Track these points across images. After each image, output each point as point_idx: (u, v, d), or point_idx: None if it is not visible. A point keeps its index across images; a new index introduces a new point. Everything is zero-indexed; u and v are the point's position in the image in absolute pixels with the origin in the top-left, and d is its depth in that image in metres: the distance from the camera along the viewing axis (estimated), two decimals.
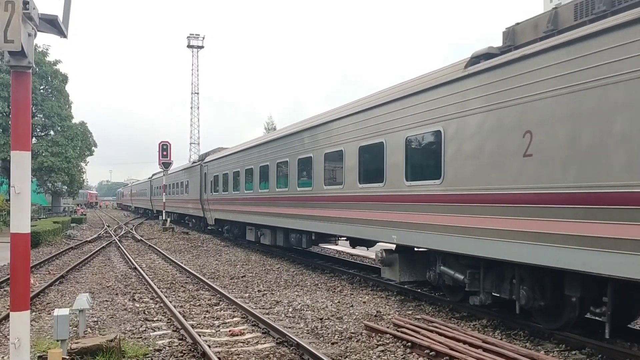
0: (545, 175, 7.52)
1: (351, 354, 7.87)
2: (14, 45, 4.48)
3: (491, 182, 8.57)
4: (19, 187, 4.91)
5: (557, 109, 7.38)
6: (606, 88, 6.71)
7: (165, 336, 9.05)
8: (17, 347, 4.88)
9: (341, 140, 13.69)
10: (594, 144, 6.84)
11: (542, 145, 7.58)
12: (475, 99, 8.91)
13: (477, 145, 8.87)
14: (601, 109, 6.76)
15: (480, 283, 9.45)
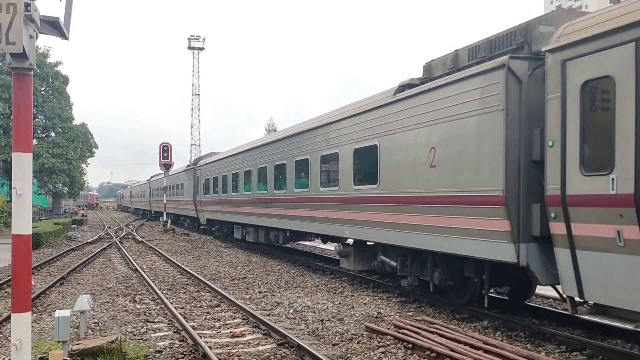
0: (444, 181, 9.84)
1: (352, 356, 7.87)
2: (15, 47, 4.49)
3: (411, 186, 10.88)
4: (20, 189, 4.92)
5: (449, 132, 9.71)
6: (460, 122, 9.37)
7: (166, 337, 9.06)
8: (18, 348, 4.89)
9: (308, 150, 16.13)
10: (470, 159, 9.16)
11: (442, 159, 9.89)
12: (400, 120, 11.23)
13: (402, 157, 11.17)
14: (475, 134, 9.07)
15: (408, 268, 11.64)
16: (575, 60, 7.41)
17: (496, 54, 9.30)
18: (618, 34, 6.85)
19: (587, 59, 7.27)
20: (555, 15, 9.14)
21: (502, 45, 9.36)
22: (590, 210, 7.22)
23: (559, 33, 7.96)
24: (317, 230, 16.10)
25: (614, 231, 6.84)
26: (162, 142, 39.17)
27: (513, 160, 8.44)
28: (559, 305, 11.38)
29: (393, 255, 12.24)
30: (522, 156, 8.39)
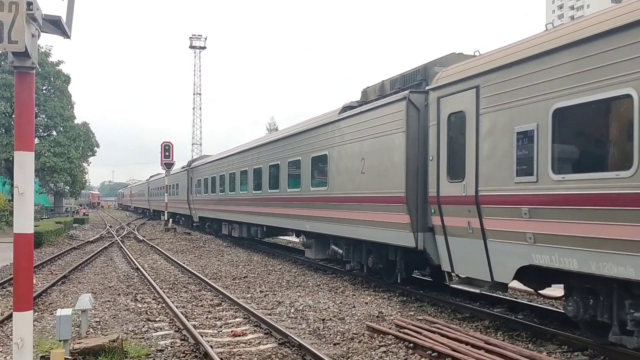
0: (370, 184, 12.54)
1: (353, 355, 7.87)
2: (17, 46, 4.49)
3: (350, 188, 13.51)
4: (22, 188, 4.92)
5: (372, 146, 12.48)
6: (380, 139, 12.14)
7: (167, 336, 9.06)
8: (19, 347, 4.89)
9: (279, 157, 18.88)
10: (386, 167, 11.85)
11: (368, 167, 12.61)
12: (343, 135, 14.02)
13: (344, 165, 13.90)
14: (388, 149, 11.76)
15: (351, 255, 14.26)
16: (445, 98, 9.98)
17: (405, 87, 11.83)
18: (466, 81, 9.41)
19: (451, 97, 9.81)
20: (447, 58, 11.20)
21: (411, 80, 11.88)
22: (453, 207, 9.77)
23: (437, 77, 10.52)
24: (286, 225, 18.78)
25: (466, 222, 9.39)
26: (164, 141, 39.21)
27: (412, 170, 11.05)
28: (560, 305, 11.37)
29: (341, 244, 14.95)
30: (419, 166, 10.97)
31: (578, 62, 7.31)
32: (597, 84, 7.02)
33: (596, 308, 7.53)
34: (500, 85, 8.72)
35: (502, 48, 9.18)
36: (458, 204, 9.58)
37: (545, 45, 7.87)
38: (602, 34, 6.96)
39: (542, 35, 8.28)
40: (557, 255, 7.59)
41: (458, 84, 9.64)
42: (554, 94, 7.60)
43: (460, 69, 9.84)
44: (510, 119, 8.47)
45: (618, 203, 6.65)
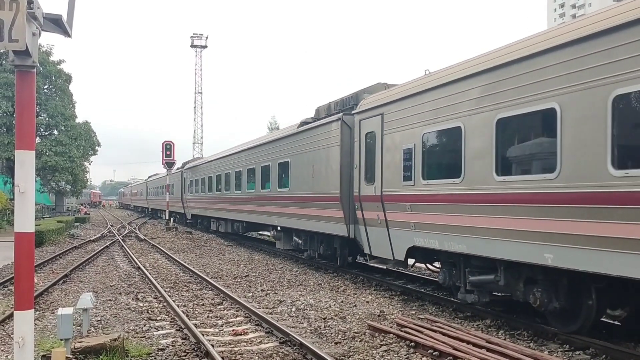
0: (318, 186, 15.58)
1: (354, 354, 7.86)
2: (18, 45, 4.48)
3: (305, 189, 16.56)
4: (23, 187, 4.91)
5: (319, 156, 15.46)
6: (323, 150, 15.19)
7: (168, 335, 9.06)
8: (21, 346, 4.89)
9: (255, 162, 21.94)
10: (327, 173, 14.91)
11: (317, 172, 15.63)
12: (300, 145, 17.12)
13: (300, 170, 16.92)
14: (329, 158, 14.81)
15: (308, 244, 17.52)
16: (363, 120, 13.08)
17: (343, 109, 14.75)
18: (375, 109, 12.51)
19: (367, 120, 12.86)
20: (374, 87, 13.93)
21: (347, 104, 14.82)
22: (369, 203, 12.77)
23: (360, 104, 13.47)
24: (261, 221, 21.71)
25: (376, 215, 12.43)
26: (165, 140, 39.21)
27: (345, 175, 14.05)
28: None
29: (301, 236, 17.96)
30: (350, 172, 13.83)
31: (437, 102, 10.32)
32: (444, 119, 10.12)
33: (454, 276, 10.37)
34: (394, 114, 11.76)
35: (399, 85, 12.41)
36: (371, 201, 12.70)
37: (417, 87, 11.04)
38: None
39: (422, 78, 11.17)
40: (427, 238, 10.60)
41: (371, 110, 12.75)
42: (422, 124, 10.74)
43: (373, 99, 12.91)
44: (400, 140, 11.50)
45: (454, 200, 9.75)
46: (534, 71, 8.09)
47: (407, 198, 11.16)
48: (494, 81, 8.83)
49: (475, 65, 9.37)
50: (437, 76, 10.54)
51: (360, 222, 13.33)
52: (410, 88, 11.26)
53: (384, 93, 12.66)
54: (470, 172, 9.32)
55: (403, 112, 11.38)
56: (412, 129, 11.01)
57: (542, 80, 7.95)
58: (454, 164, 9.79)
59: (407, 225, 11.16)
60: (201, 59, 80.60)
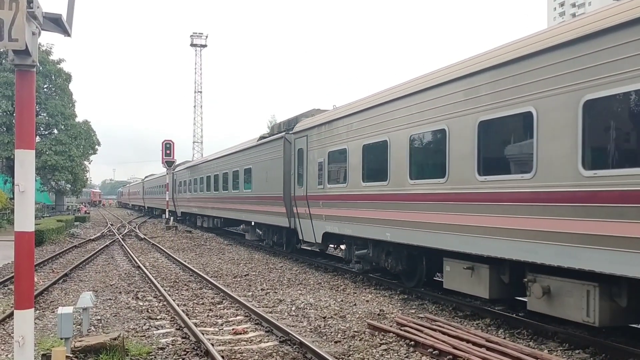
0: (270, 188, 19.61)
1: (354, 353, 7.87)
2: (18, 44, 4.49)
3: (262, 190, 20.75)
4: (23, 186, 4.92)
5: (271, 164, 19.57)
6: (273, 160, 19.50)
7: (168, 334, 9.06)
8: (21, 345, 4.90)
9: (228, 167, 26.69)
10: (275, 178, 19.00)
11: (270, 177, 19.67)
12: (259, 155, 21.27)
13: (260, 175, 21.14)
14: (275, 166, 19.10)
15: (266, 235, 22.17)
16: (296, 139, 17.27)
17: (288, 129, 18.73)
18: (303, 132, 16.73)
19: (299, 139, 17.02)
20: (310, 112, 18.16)
21: (289, 124, 18.90)
22: (300, 202, 16.74)
23: (296, 126, 17.64)
24: (233, 217, 25.85)
25: (305, 210, 16.45)
26: (165, 140, 39.21)
27: (286, 180, 18.14)
28: None
29: (262, 228, 22.64)
30: (291, 178, 17.82)
31: (336, 129, 14.71)
32: (338, 143, 14.55)
33: (349, 253, 14.78)
34: (314, 136, 16.11)
35: (320, 114, 16.66)
36: (301, 200, 16.83)
37: (325, 119, 15.56)
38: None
39: (330, 111, 16.01)
40: (332, 226, 14.83)
41: (301, 132, 17.14)
42: (327, 145, 15.15)
43: (302, 124, 17.23)
44: (317, 155, 15.82)
45: (342, 198, 14.09)
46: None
47: (320, 197, 15.57)
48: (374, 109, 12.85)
49: (357, 106, 13.64)
50: (331, 113, 15.62)
51: (296, 215, 17.48)
52: (322, 118, 15.81)
53: (309, 120, 17.04)
54: (351, 179, 13.70)
55: (318, 135, 15.83)
56: (323, 148, 15.44)
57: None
58: (344, 174, 14.14)
59: (321, 217, 15.54)
60: (201, 58, 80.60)
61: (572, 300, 7.70)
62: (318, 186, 15.56)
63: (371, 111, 12.63)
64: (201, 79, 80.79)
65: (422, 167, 11.02)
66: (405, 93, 11.20)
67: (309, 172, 16.28)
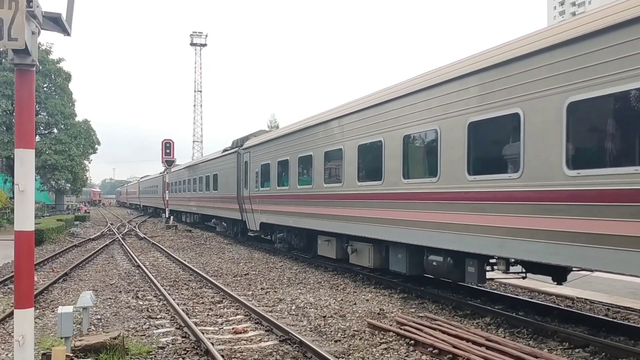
0: (229, 190, 25.86)
1: (354, 352, 7.87)
2: (17, 43, 4.48)
3: (225, 191, 26.74)
4: (22, 185, 4.92)
5: (229, 172, 25.93)
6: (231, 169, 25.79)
7: (168, 334, 9.07)
8: (21, 344, 4.90)
9: (203, 173, 32.64)
10: (232, 182, 25.32)
11: (230, 182, 25.52)
12: (222, 164, 27.47)
13: (223, 180, 27.32)
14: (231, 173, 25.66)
15: (229, 227, 28.81)
16: (244, 154, 23.18)
17: (241, 145, 23.83)
18: (248, 148, 22.79)
19: (245, 154, 23.01)
20: (258, 132, 23.98)
21: (244, 140, 23.81)
22: (247, 200, 22.59)
23: (244, 144, 23.45)
24: (207, 213, 32.47)
25: (249, 206, 22.37)
26: (165, 139, 39.17)
27: (239, 184, 23.57)
28: (562, 302, 11.38)
29: (225, 222, 29.39)
30: (242, 182, 23.15)
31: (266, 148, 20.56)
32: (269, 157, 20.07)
33: (283, 238, 19.85)
34: (254, 153, 21.84)
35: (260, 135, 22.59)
36: (247, 199, 22.58)
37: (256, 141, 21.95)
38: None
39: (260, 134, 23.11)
40: (265, 218, 20.23)
41: (246, 149, 22.88)
42: (260, 159, 20.73)
43: (248, 143, 22.84)
44: (255, 166, 21.40)
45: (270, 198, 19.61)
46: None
47: (257, 197, 21.43)
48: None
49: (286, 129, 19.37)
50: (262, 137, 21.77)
51: (244, 211, 23.34)
52: (257, 140, 22.04)
53: (251, 140, 23.00)
54: (272, 184, 19.46)
55: (255, 152, 21.87)
56: (258, 162, 21.35)
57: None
58: (269, 180, 19.87)
59: (258, 211, 21.36)
60: (201, 57, 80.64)
61: (364, 254, 13.65)
62: (255, 189, 21.57)
63: (283, 139, 18.87)
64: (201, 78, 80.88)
65: (301, 175, 17.13)
66: (303, 126, 17.17)
67: (250, 179, 22.26)
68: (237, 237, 27.24)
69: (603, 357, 7.56)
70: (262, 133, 23.36)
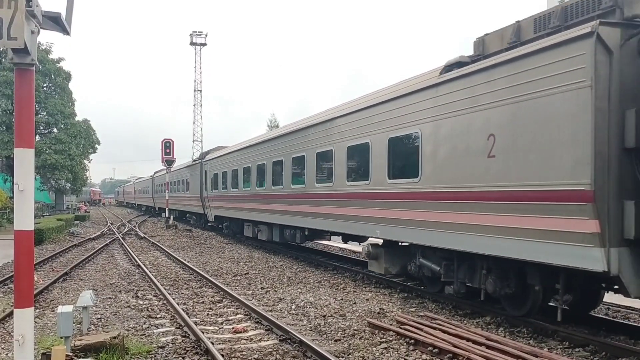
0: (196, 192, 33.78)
1: (354, 351, 7.87)
2: (17, 43, 4.48)
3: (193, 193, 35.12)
4: (22, 185, 4.91)
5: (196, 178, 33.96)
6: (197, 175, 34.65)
7: (168, 333, 9.06)
8: (21, 343, 4.90)
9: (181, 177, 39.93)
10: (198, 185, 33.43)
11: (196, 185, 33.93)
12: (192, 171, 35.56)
13: (193, 184, 34.96)
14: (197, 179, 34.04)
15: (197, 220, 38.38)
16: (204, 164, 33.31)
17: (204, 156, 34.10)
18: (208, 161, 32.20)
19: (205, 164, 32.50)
20: (217, 147, 33.17)
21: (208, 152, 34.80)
22: (206, 198, 31.04)
23: (206, 156, 33.37)
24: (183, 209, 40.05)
25: (208, 204, 31.15)
26: (165, 138, 39.12)
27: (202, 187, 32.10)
28: None
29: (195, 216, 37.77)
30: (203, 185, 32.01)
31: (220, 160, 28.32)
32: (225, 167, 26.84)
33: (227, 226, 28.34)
34: (211, 163, 29.92)
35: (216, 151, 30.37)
36: (206, 198, 30.64)
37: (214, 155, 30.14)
38: None
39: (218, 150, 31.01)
40: (219, 212, 28.45)
41: (207, 161, 30.77)
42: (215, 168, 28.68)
43: (209, 156, 31.00)
44: (210, 174, 29.63)
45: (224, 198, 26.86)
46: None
47: (212, 197, 28.89)
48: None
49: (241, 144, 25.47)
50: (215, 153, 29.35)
51: (205, 207, 30.80)
52: (211, 155, 29.76)
53: (209, 154, 30.93)
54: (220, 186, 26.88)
55: (211, 164, 29.38)
56: (214, 170, 28.34)
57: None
58: (218, 184, 27.58)
59: (213, 207, 28.91)
60: (200, 56, 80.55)
61: (265, 232, 21.01)
62: (211, 191, 29.39)
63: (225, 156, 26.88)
64: (201, 77, 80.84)
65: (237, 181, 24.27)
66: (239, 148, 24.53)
67: (208, 183, 30.27)
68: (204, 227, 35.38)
69: (603, 357, 7.56)
70: (220, 149, 30.57)
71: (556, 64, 7.51)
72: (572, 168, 7.24)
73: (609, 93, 7.01)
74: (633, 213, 6.87)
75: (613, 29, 7.12)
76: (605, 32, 7.01)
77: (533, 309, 9.02)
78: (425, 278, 11.55)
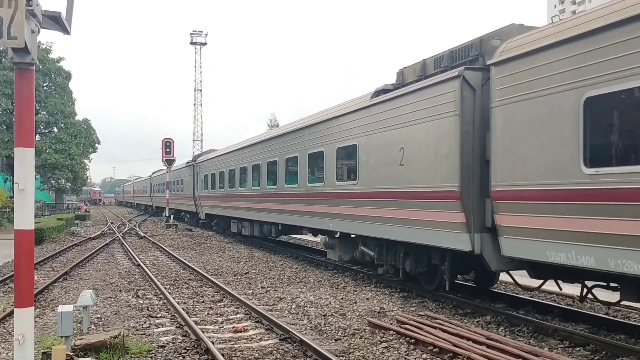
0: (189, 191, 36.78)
1: (354, 351, 7.87)
2: (17, 42, 4.47)
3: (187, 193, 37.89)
4: (22, 184, 4.91)
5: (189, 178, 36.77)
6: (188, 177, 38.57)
7: (168, 332, 9.07)
8: (21, 343, 4.90)
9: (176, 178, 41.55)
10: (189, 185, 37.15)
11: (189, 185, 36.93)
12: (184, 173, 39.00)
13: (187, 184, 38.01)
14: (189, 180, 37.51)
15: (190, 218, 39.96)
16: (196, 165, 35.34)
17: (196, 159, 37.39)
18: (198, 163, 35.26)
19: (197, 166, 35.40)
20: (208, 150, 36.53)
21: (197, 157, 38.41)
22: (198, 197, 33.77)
23: (197, 159, 35.65)
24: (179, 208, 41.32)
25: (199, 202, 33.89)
26: (165, 138, 39.09)
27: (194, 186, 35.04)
28: (562, 300, 11.37)
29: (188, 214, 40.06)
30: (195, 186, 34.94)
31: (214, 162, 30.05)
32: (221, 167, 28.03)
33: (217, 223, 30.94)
34: (202, 165, 32.48)
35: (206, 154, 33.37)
36: (198, 197, 33.24)
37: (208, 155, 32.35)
38: None
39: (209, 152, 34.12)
40: (209, 210, 30.88)
41: (197, 163, 34.10)
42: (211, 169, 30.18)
43: (199, 158, 34.41)
44: (202, 175, 32.38)
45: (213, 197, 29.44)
46: None
47: (203, 196, 31.39)
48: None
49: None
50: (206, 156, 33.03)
51: (197, 205, 32.93)
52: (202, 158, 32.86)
53: (201, 157, 33.00)
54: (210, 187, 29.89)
55: (202, 166, 31.97)
56: (205, 172, 31.12)
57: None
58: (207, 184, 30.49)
59: (205, 206, 31.36)
60: (200, 56, 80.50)
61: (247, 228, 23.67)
62: (203, 190, 31.54)
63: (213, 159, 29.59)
64: (201, 77, 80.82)
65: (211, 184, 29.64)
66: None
67: (199, 183, 32.55)
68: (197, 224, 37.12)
69: (603, 356, 7.56)
70: (211, 152, 33.03)
71: (438, 97, 9.98)
72: (448, 174, 9.65)
73: (473, 120, 9.38)
74: (491, 208, 8.98)
75: (475, 72, 9.52)
76: (469, 75, 9.47)
77: (441, 284, 11.02)
78: (367, 262, 13.75)
